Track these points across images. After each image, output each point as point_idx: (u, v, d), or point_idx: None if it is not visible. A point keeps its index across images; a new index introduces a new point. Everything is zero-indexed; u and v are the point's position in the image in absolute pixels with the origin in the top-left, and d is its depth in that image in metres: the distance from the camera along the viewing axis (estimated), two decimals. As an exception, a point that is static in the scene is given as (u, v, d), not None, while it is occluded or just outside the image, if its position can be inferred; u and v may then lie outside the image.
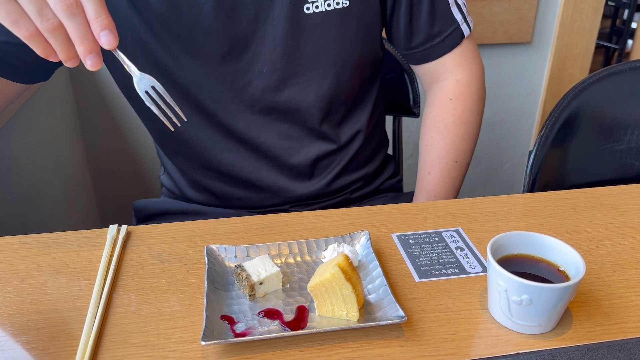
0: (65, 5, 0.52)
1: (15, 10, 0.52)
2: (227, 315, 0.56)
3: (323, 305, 0.56)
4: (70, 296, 0.60)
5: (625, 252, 0.68)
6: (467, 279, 0.63)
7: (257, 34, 0.79)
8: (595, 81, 0.98)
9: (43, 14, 0.53)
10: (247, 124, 0.84)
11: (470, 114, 0.92)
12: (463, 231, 0.72)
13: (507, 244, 0.58)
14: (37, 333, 0.55)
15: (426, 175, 0.92)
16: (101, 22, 0.54)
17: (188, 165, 0.91)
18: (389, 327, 0.55)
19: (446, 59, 0.90)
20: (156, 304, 0.59)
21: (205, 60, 0.79)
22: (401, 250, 0.68)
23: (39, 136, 1.32)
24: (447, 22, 0.88)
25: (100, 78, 1.56)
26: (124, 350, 0.53)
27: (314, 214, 0.76)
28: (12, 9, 0.52)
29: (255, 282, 0.58)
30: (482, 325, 0.56)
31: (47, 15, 0.53)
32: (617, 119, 1.00)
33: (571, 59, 1.82)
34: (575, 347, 0.53)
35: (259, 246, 0.66)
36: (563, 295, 0.52)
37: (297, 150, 0.87)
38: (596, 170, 1.02)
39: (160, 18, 0.77)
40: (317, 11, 0.79)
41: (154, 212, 0.97)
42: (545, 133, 0.98)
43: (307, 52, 0.81)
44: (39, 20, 0.53)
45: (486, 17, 1.69)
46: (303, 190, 0.89)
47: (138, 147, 1.68)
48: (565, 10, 1.73)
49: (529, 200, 0.80)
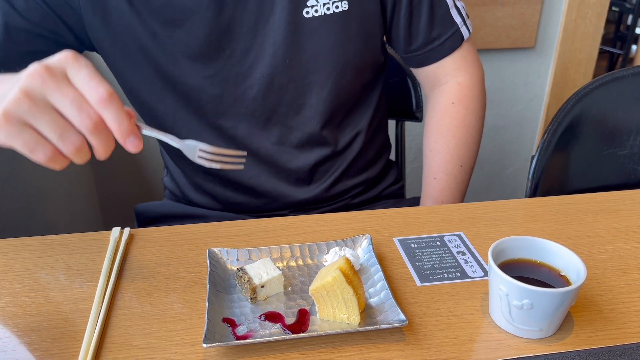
0: (92, 125, 0.50)
1: (33, 139, 0.50)
2: (228, 318, 0.56)
3: (324, 308, 0.56)
4: (73, 298, 0.60)
5: (627, 258, 0.67)
6: (468, 284, 0.63)
7: (258, 39, 0.80)
8: (598, 86, 0.98)
9: (65, 138, 0.50)
10: (247, 128, 0.84)
11: (473, 117, 0.92)
12: (465, 235, 0.72)
13: (508, 248, 0.58)
14: (40, 334, 0.55)
15: (432, 181, 0.92)
16: (124, 129, 0.52)
17: (190, 169, 0.92)
18: (390, 331, 0.55)
19: (446, 61, 0.90)
20: (158, 306, 0.59)
21: (207, 65, 0.80)
22: (403, 254, 0.68)
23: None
24: (447, 25, 0.88)
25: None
26: (126, 352, 0.53)
27: (315, 218, 0.76)
28: (28, 138, 0.50)
29: (257, 285, 0.58)
30: (483, 329, 0.56)
31: (70, 138, 0.50)
32: (620, 124, 1.00)
33: (574, 64, 1.82)
34: (576, 352, 0.53)
35: (261, 249, 0.66)
36: (564, 300, 0.52)
37: (296, 156, 0.87)
38: (598, 176, 1.02)
39: (163, 24, 0.77)
40: (317, 15, 0.79)
41: (155, 216, 0.98)
42: (548, 138, 0.98)
43: (307, 56, 0.81)
44: (61, 144, 0.51)
45: (489, 21, 1.69)
46: (302, 196, 0.89)
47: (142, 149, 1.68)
48: (568, 15, 1.73)
49: (530, 205, 0.80)
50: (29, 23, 0.76)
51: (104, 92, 0.50)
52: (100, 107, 0.51)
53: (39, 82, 0.49)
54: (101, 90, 0.50)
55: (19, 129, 0.49)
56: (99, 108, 0.50)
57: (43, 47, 0.79)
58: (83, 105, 0.50)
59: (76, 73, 0.51)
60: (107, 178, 1.71)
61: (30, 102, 0.49)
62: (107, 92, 0.50)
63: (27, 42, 0.77)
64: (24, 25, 0.76)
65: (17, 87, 0.49)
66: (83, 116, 0.50)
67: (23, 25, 0.76)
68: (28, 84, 0.49)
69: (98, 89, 0.50)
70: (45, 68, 0.49)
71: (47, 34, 0.78)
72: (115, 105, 0.51)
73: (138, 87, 0.83)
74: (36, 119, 0.49)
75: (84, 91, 0.50)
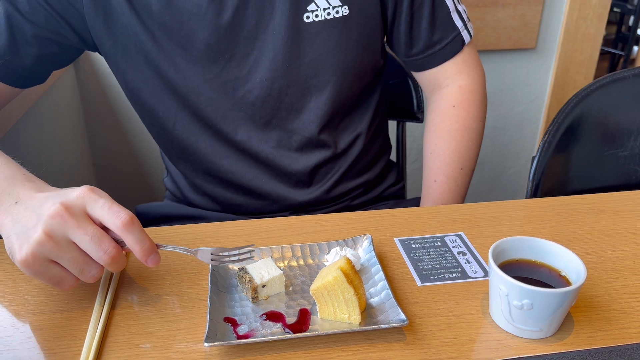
0: (110, 259, 0.54)
1: (58, 275, 0.54)
2: (230, 318, 0.57)
3: (325, 308, 0.56)
4: (75, 297, 0.61)
5: (627, 258, 0.68)
6: (468, 284, 0.63)
7: (258, 43, 0.80)
8: (599, 87, 0.98)
9: (85, 272, 0.54)
10: (246, 131, 0.85)
11: (474, 121, 0.92)
12: (465, 236, 0.72)
13: (508, 249, 0.58)
14: (42, 333, 0.56)
15: (432, 184, 0.92)
16: (146, 250, 0.55)
17: (190, 170, 0.92)
18: (391, 331, 0.56)
19: (447, 65, 0.90)
20: (160, 305, 0.60)
21: (206, 69, 0.80)
22: (403, 254, 0.68)
23: (45, 140, 1.33)
24: (448, 29, 0.88)
25: (106, 82, 1.58)
26: (128, 351, 0.54)
27: (316, 218, 0.76)
28: (53, 274, 0.54)
29: (258, 284, 0.59)
30: (484, 329, 0.56)
31: (91, 272, 0.54)
32: (621, 126, 1.00)
33: (575, 65, 1.82)
34: (576, 352, 0.54)
35: (262, 249, 0.66)
36: (564, 300, 0.52)
37: (295, 159, 0.87)
38: (599, 177, 1.02)
39: (162, 27, 0.78)
40: (317, 20, 0.80)
41: (156, 217, 0.98)
42: (549, 139, 0.98)
43: (307, 60, 0.81)
44: (82, 277, 0.55)
45: (490, 23, 1.69)
46: (302, 198, 0.90)
47: (143, 150, 1.69)
48: (569, 16, 1.73)
49: (531, 206, 0.80)
50: (33, 26, 0.76)
51: (126, 216, 0.54)
52: (124, 231, 0.54)
53: (60, 223, 0.52)
54: (123, 215, 0.54)
55: (45, 266, 0.53)
56: (122, 232, 0.54)
57: (48, 49, 0.79)
58: (102, 241, 0.53)
59: (95, 205, 0.54)
60: (108, 179, 1.72)
61: (54, 243, 0.52)
62: (128, 216, 0.54)
63: (32, 44, 0.77)
64: (28, 28, 0.76)
65: (39, 228, 0.52)
66: (101, 252, 0.53)
67: (28, 28, 0.76)
68: (50, 225, 0.52)
69: (120, 214, 0.54)
70: (66, 208, 0.53)
71: (52, 36, 0.78)
72: (137, 228, 0.55)
73: (139, 89, 0.83)
74: (59, 257, 0.53)
75: (105, 219, 0.54)
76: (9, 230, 0.54)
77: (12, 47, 0.76)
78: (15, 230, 0.54)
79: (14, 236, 0.54)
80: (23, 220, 0.54)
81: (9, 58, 0.77)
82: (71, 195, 0.54)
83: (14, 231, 0.54)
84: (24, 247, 0.52)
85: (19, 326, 0.57)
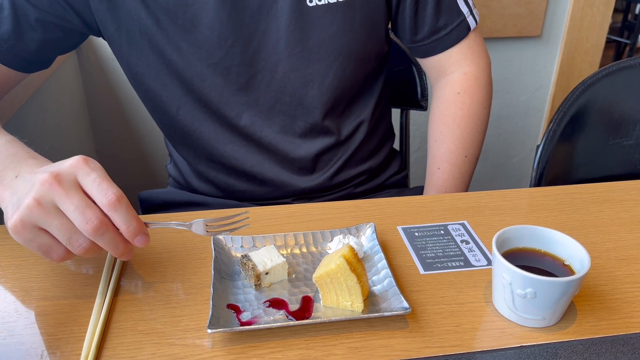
0: (91, 229, 0.52)
1: (46, 242, 0.54)
2: (233, 304, 0.57)
3: (328, 295, 0.57)
4: (79, 283, 0.61)
5: (631, 248, 0.67)
6: (471, 272, 0.63)
7: (261, 27, 0.79)
8: (605, 76, 0.97)
9: (73, 241, 0.54)
10: (250, 117, 0.84)
11: (479, 108, 0.91)
12: (469, 224, 0.72)
13: (512, 237, 0.58)
14: (45, 319, 0.56)
15: (436, 171, 0.92)
16: (132, 230, 0.54)
17: (193, 156, 0.92)
18: (393, 319, 0.56)
19: (453, 51, 0.90)
20: (163, 292, 0.60)
21: (210, 53, 0.80)
22: (406, 242, 0.68)
23: (48, 126, 1.33)
24: (454, 15, 0.87)
25: (109, 68, 1.57)
26: (131, 337, 0.54)
27: (320, 206, 0.76)
28: (42, 242, 0.54)
29: (261, 272, 0.59)
30: (486, 317, 0.56)
31: (78, 240, 0.54)
32: (626, 114, 0.99)
33: (581, 54, 1.80)
34: (578, 341, 0.54)
35: (265, 237, 0.66)
36: (567, 289, 0.52)
37: (299, 145, 0.87)
38: (604, 166, 1.02)
39: (166, 11, 0.77)
40: (320, 4, 0.79)
41: (159, 203, 0.98)
42: (554, 127, 0.98)
43: (310, 45, 0.81)
44: (70, 246, 0.54)
45: (496, 10, 1.68)
46: (305, 184, 0.90)
47: (146, 136, 1.69)
48: (576, 3, 1.72)
49: (535, 195, 0.80)
50: (37, 10, 0.76)
51: (112, 195, 0.53)
52: (110, 210, 0.53)
53: (49, 190, 0.52)
54: (110, 194, 0.53)
55: (34, 233, 0.53)
56: (108, 211, 0.53)
57: (52, 34, 0.79)
58: (86, 211, 0.52)
59: (86, 177, 0.53)
60: (111, 165, 1.72)
61: (41, 209, 0.52)
62: (115, 195, 0.53)
63: (36, 29, 0.77)
64: (32, 13, 0.76)
65: (30, 195, 0.52)
66: (83, 221, 0.52)
67: (32, 12, 0.76)
68: (39, 192, 0.52)
69: (107, 193, 0.53)
70: (55, 176, 0.53)
71: (56, 21, 0.78)
72: (124, 207, 0.54)
73: (142, 73, 0.83)
74: (47, 223, 0.53)
75: (94, 195, 0.53)
76: (7, 203, 0.55)
77: (16, 32, 0.76)
78: (12, 201, 0.54)
79: (10, 206, 0.54)
80: (19, 191, 0.55)
81: (13, 42, 0.77)
82: (64, 164, 0.54)
83: (10, 202, 0.55)
84: (15, 213, 0.53)
85: (23, 312, 0.57)
